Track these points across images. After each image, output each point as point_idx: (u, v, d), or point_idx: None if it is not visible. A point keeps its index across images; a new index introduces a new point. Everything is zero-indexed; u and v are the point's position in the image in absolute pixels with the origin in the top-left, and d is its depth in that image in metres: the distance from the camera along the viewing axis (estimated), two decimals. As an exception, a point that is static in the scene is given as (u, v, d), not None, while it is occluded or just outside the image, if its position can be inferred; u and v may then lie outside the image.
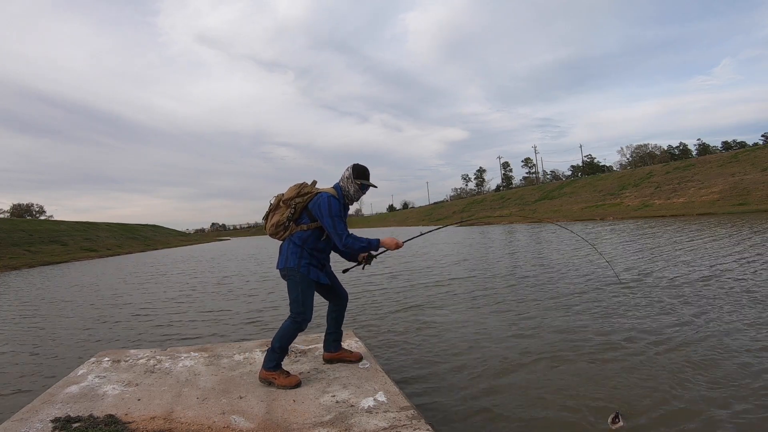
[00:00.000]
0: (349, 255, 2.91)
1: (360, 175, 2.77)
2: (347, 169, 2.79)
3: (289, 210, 2.71)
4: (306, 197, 2.71)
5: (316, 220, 2.69)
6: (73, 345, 5.36)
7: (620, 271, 7.55)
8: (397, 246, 2.75)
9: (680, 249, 10.15)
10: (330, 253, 2.89)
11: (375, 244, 2.71)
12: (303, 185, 2.77)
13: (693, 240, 12.03)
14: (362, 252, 2.77)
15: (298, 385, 2.58)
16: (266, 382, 2.62)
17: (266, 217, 2.83)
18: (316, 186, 2.82)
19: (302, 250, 2.70)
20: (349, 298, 3.08)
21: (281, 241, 2.82)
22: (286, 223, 2.72)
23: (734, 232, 13.13)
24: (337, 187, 2.80)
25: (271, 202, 2.81)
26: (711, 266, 7.37)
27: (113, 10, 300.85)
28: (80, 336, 5.84)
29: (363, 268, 2.97)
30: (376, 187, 2.86)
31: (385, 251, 2.79)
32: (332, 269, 2.95)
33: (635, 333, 4.11)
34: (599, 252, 8.99)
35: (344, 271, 3.06)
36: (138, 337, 5.52)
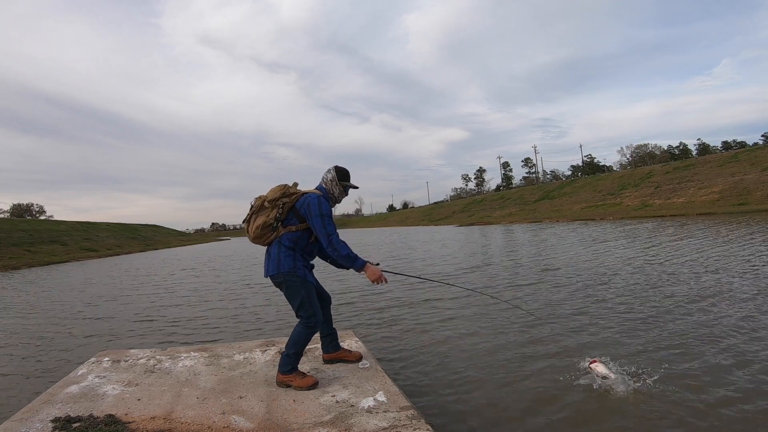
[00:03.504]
0: (330, 260, 2.84)
1: (344, 177, 2.77)
2: (329, 172, 2.76)
3: (276, 210, 2.62)
4: (293, 197, 2.66)
5: (305, 220, 2.63)
6: (73, 345, 5.35)
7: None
8: (379, 280, 2.63)
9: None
10: (315, 256, 2.85)
11: (360, 264, 2.60)
12: (287, 186, 2.70)
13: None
14: (346, 261, 2.61)
15: (315, 385, 2.56)
16: (284, 385, 2.60)
17: (247, 221, 2.68)
18: (297, 188, 2.76)
19: (295, 253, 2.64)
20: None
21: (266, 246, 2.71)
22: (274, 224, 2.63)
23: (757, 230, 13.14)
24: (321, 188, 2.75)
25: (252, 204, 2.68)
26: None
27: (117, 12, 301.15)
28: (80, 336, 5.83)
29: None
30: (356, 188, 2.87)
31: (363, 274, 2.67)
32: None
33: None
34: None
35: None
36: (138, 337, 5.52)
